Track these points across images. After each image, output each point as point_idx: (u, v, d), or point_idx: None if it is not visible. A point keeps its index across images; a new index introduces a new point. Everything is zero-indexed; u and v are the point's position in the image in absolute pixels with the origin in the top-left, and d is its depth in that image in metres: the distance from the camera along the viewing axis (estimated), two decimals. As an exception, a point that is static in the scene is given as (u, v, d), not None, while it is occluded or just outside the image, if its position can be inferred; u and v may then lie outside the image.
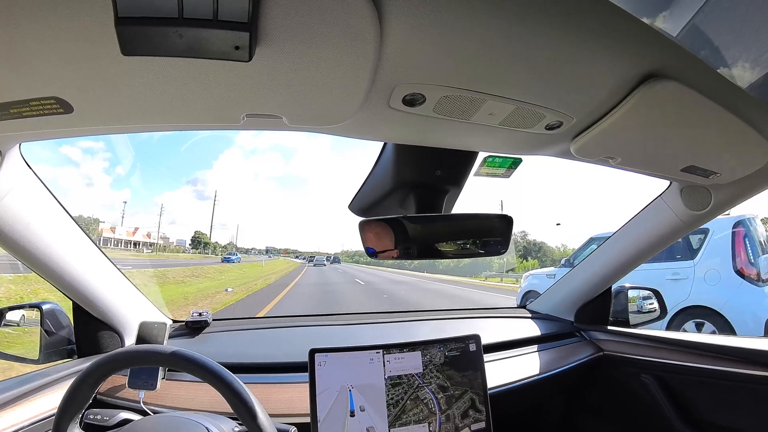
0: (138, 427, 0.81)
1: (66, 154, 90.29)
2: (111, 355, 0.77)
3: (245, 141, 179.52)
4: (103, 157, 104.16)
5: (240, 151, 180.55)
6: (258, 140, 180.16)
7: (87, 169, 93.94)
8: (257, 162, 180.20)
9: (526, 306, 1.90)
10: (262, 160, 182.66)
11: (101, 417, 0.97)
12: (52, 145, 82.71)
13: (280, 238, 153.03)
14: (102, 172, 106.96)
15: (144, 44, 0.45)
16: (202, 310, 1.42)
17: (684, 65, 0.63)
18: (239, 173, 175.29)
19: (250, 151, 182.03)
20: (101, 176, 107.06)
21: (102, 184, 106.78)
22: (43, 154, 59.73)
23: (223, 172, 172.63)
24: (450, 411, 1.11)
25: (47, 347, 1.12)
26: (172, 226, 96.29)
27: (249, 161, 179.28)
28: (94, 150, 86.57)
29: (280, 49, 0.51)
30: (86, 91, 0.58)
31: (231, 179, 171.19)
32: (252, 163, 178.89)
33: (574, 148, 0.86)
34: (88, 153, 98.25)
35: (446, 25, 0.50)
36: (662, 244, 1.39)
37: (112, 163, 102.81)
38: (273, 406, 1.05)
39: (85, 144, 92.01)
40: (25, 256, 0.94)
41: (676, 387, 1.33)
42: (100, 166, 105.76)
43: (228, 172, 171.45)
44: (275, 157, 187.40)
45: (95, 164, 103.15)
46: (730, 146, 0.87)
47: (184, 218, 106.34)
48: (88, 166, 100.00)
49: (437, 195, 1.05)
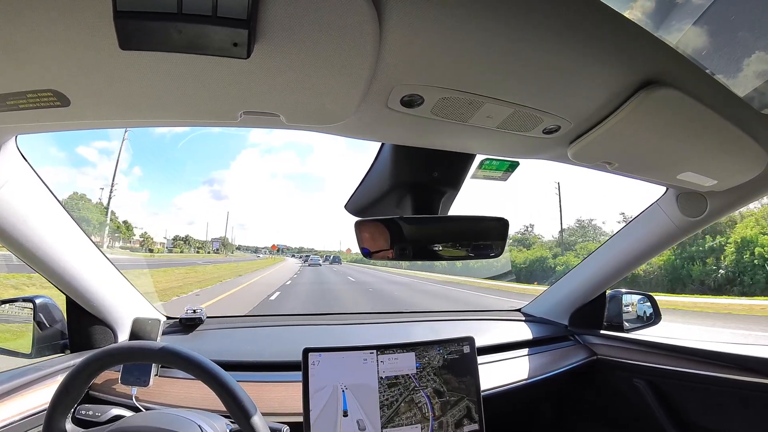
0: (129, 423, 0.81)
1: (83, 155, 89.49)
2: (105, 350, 0.77)
3: (245, 141, 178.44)
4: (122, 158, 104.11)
5: (238, 150, 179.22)
6: (257, 139, 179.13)
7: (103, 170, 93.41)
8: (257, 160, 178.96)
9: (521, 309, 1.91)
10: (263, 159, 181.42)
11: (93, 413, 0.96)
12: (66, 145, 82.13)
13: (283, 237, 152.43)
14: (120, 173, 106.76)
15: (142, 39, 0.45)
16: (197, 307, 1.41)
17: (682, 73, 0.63)
18: (239, 171, 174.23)
19: (249, 148, 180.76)
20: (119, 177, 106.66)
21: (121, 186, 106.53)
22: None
23: (220, 173, 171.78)
24: (444, 418, 1.10)
25: (40, 341, 1.11)
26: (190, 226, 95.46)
27: (246, 159, 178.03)
28: (110, 150, 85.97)
29: (279, 46, 0.50)
30: (83, 84, 0.57)
31: (229, 180, 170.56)
32: (251, 161, 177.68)
33: (571, 152, 0.86)
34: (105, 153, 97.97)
35: (446, 28, 0.51)
36: (657, 249, 1.40)
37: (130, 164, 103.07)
38: (266, 405, 1.05)
39: (101, 144, 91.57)
40: (19, 249, 0.93)
41: (668, 392, 1.34)
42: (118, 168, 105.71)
43: (223, 171, 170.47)
44: (279, 156, 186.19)
45: (111, 165, 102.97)
46: (726, 154, 0.87)
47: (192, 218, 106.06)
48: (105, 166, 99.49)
49: (434, 196, 1.05)
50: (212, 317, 1.48)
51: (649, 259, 1.46)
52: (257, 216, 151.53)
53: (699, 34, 0.61)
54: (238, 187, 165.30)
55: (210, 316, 1.45)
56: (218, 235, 56.78)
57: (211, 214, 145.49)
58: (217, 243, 54.69)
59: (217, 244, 54.92)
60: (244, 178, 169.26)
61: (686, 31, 0.60)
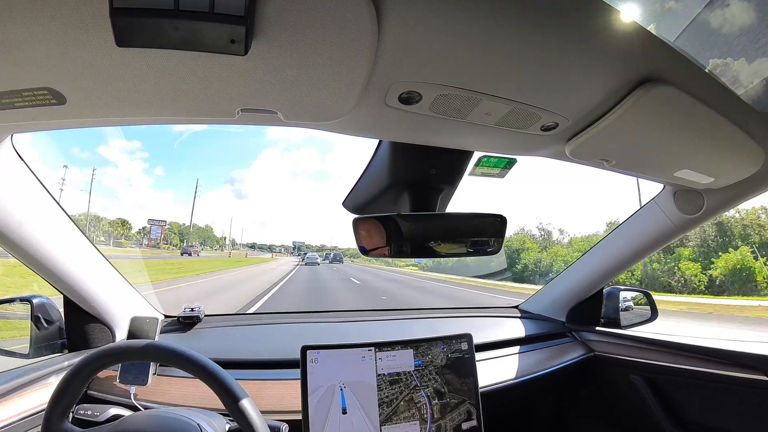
0: (128, 422, 0.81)
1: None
2: (102, 350, 0.77)
3: (266, 139, 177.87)
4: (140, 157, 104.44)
5: (259, 150, 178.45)
6: (259, 138, 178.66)
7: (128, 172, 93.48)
8: (277, 158, 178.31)
9: (519, 306, 1.91)
10: (284, 156, 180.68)
11: (91, 412, 0.96)
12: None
13: (303, 235, 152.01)
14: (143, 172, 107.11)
15: (139, 36, 0.45)
16: (195, 305, 1.41)
17: (680, 70, 0.64)
18: (259, 170, 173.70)
19: (269, 147, 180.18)
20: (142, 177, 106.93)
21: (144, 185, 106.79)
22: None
23: (240, 172, 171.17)
24: (442, 421, 1.09)
25: (38, 341, 1.11)
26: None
27: (266, 157, 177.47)
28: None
29: (276, 43, 0.50)
30: (79, 82, 0.57)
31: (250, 178, 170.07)
32: (271, 159, 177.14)
33: (569, 149, 0.86)
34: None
35: (444, 25, 0.50)
36: (654, 246, 1.40)
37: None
38: (264, 403, 1.05)
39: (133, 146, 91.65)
40: (16, 248, 0.93)
41: (665, 388, 1.35)
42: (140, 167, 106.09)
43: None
44: (299, 153, 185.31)
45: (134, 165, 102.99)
46: (723, 151, 0.88)
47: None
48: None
49: (431, 193, 1.05)
50: (210, 315, 1.48)
51: (647, 256, 1.47)
52: (277, 214, 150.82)
53: (697, 31, 0.61)
54: (258, 187, 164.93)
55: (208, 314, 1.45)
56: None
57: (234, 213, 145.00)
58: (157, 230, 44.76)
59: (158, 231, 44.89)
60: (264, 176, 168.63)
61: (684, 29, 0.60)
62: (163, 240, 46.22)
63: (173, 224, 52.91)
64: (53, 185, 26.33)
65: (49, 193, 0.96)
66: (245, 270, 23.55)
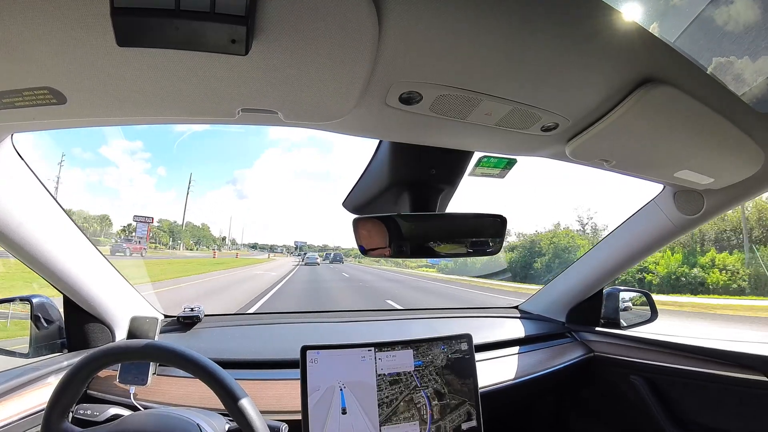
0: (128, 422, 0.81)
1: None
2: (102, 349, 0.77)
3: (269, 139, 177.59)
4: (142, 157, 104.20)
5: (261, 150, 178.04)
6: (261, 138, 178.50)
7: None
8: (279, 158, 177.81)
9: (518, 306, 1.91)
10: (285, 156, 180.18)
11: (91, 412, 0.96)
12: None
13: (305, 236, 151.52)
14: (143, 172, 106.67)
15: (140, 36, 0.45)
16: (195, 305, 1.41)
17: (680, 71, 0.64)
18: (261, 170, 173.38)
19: (271, 147, 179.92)
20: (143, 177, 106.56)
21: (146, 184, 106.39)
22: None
23: (218, 172, 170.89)
24: (442, 422, 1.09)
25: (37, 341, 1.11)
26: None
27: (268, 157, 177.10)
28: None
29: (277, 43, 0.50)
30: (80, 81, 0.57)
31: (251, 178, 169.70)
32: (273, 159, 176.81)
33: (569, 150, 0.86)
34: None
35: (445, 25, 0.51)
36: (654, 247, 1.40)
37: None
38: (264, 403, 1.05)
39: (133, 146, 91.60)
40: (15, 247, 0.93)
41: (664, 388, 1.35)
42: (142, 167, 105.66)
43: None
44: (301, 152, 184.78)
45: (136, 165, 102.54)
46: (723, 152, 0.88)
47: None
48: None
49: (431, 194, 1.05)
50: (210, 315, 1.48)
51: (646, 256, 1.47)
52: (279, 214, 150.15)
53: (697, 32, 0.61)
54: (260, 186, 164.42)
55: (208, 314, 1.45)
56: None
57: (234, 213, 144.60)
58: (143, 227, 37.43)
59: (144, 228, 37.67)
60: (266, 176, 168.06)
61: (684, 29, 0.60)
62: (150, 238, 42.57)
63: (164, 222, 49.17)
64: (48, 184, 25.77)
65: (49, 193, 0.96)
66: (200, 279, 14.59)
